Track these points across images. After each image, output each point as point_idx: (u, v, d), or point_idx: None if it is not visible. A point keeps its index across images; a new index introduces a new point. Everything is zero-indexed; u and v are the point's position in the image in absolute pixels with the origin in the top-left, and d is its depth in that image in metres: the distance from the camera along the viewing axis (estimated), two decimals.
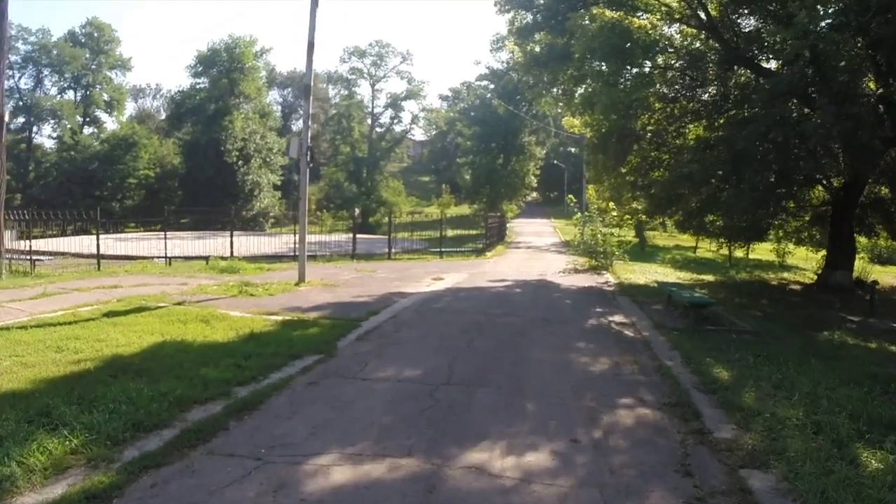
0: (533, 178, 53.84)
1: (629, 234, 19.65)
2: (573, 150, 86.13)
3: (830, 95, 11.56)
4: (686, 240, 40.34)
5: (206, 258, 18.52)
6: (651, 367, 6.93)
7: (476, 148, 52.62)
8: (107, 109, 59.75)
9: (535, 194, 77.79)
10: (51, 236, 24.62)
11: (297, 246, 21.36)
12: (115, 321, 8.34)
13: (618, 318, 10.49)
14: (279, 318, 9.22)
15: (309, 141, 14.28)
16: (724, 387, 5.96)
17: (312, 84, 14.22)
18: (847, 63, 11.97)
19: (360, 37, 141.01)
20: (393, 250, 24.94)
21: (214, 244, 21.19)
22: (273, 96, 78.13)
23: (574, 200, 20.56)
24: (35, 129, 53.11)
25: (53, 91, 55.35)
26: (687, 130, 16.81)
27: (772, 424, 4.80)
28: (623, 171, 17.26)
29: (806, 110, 13.39)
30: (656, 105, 15.46)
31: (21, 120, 51.63)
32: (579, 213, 20.70)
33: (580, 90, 16.48)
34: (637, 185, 17.25)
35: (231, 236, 20.19)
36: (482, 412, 5.17)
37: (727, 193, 13.03)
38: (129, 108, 66.12)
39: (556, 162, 75.76)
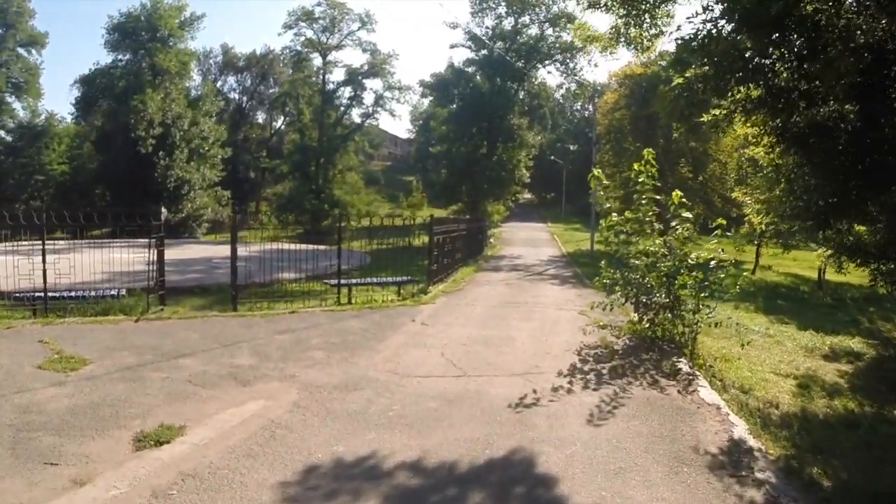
0: (525, 170, 41.96)
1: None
2: (573, 146, 75.15)
3: None
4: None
5: None
6: None
7: (453, 133, 41.09)
8: (15, 93, 48.43)
9: (528, 194, 66.78)
10: None
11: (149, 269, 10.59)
12: None
13: None
14: None
15: None
16: None
17: None
18: None
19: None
20: (295, 276, 13.79)
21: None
22: (229, 82, 67.50)
23: (603, 179, 8.73)
24: None
25: None
26: None
27: None
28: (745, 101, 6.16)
29: None
30: None
31: None
32: (614, 214, 9.38)
33: None
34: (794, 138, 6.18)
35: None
36: None
37: None
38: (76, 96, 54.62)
39: (552, 158, 64.75)
